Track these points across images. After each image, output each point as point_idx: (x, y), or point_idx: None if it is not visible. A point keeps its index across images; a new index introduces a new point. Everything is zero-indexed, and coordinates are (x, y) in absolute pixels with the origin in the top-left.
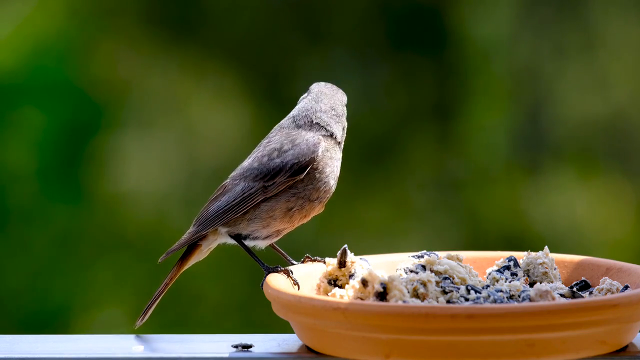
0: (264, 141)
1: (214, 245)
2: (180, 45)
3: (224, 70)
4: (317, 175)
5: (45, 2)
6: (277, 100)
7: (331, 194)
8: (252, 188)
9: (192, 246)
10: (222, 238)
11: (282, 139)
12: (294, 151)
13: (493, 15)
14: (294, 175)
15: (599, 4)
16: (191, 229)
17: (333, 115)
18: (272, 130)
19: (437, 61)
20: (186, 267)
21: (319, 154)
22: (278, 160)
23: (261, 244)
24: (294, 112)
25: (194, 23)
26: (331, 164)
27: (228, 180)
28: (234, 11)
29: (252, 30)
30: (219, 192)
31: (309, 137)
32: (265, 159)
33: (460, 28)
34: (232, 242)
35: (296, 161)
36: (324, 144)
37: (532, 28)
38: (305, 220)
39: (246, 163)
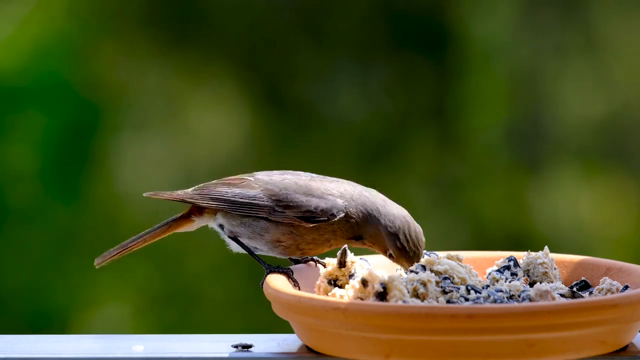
0: (314, 175)
1: (203, 224)
2: (178, 47)
3: (223, 73)
4: (317, 236)
5: (44, 3)
6: (276, 102)
7: (313, 255)
8: (262, 201)
9: (185, 216)
10: (213, 223)
11: (322, 185)
12: (317, 201)
13: (493, 16)
14: (302, 219)
15: (600, 4)
16: (190, 192)
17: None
18: (336, 178)
19: (438, 61)
20: (171, 233)
21: (335, 219)
22: (301, 199)
23: (236, 248)
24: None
25: (193, 25)
26: (333, 237)
27: (252, 178)
28: (233, 13)
29: (252, 32)
30: (236, 181)
31: (340, 201)
32: (294, 187)
33: (461, 28)
34: (219, 231)
35: (312, 210)
36: (343, 215)
37: (533, 28)
38: (280, 256)
39: (278, 176)
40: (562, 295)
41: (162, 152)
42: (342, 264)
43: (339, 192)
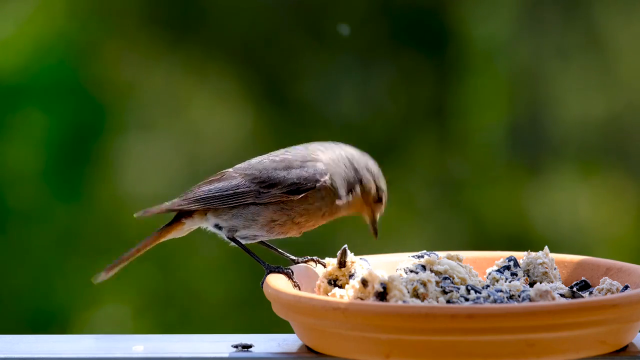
0: (284, 149)
1: (195, 226)
2: (182, 46)
3: (226, 72)
4: (308, 205)
5: (46, 2)
6: (278, 101)
7: (312, 228)
8: (246, 187)
9: (175, 220)
10: (205, 224)
11: (298, 154)
12: (299, 172)
13: (494, 16)
14: (289, 194)
15: (601, 3)
16: (176, 200)
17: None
18: (303, 145)
19: (439, 61)
20: (163, 239)
21: (319, 185)
22: (282, 174)
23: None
24: (336, 146)
25: (196, 24)
26: (324, 204)
27: (231, 169)
28: (235, 12)
29: (254, 31)
30: (216, 177)
31: (320, 165)
32: (273, 165)
33: (462, 28)
34: (214, 230)
35: (296, 181)
36: (328, 178)
37: (533, 28)
38: (281, 236)
39: (254, 161)
40: (562, 295)
41: (165, 151)
42: (342, 264)
43: (315, 157)
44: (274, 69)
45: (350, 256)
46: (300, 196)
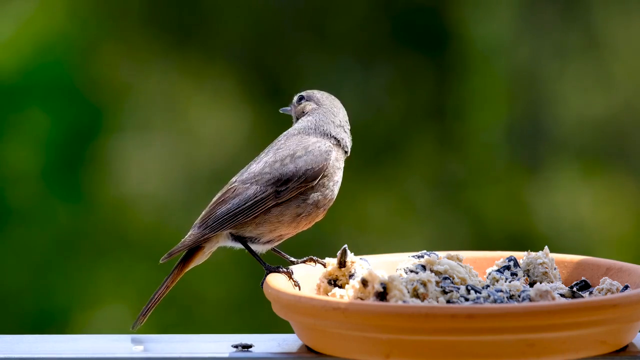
0: (273, 147)
1: (215, 248)
2: (180, 47)
3: (224, 73)
4: (326, 183)
5: (46, 4)
6: (277, 102)
7: (333, 201)
8: (264, 192)
9: (194, 249)
10: (223, 241)
11: (293, 145)
12: (307, 158)
13: (494, 16)
14: (306, 182)
15: (600, 4)
16: (195, 231)
17: (347, 127)
18: (280, 137)
19: (439, 61)
20: (187, 269)
21: (331, 161)
22: (291, 166)
23: (261, 248)
24: (305, 122)
25: (194, 26)
26: (338, 173)
27: (236, 183)
28: (235, 13)
29: (253, 32)
30: (227, 196)
31: (321, 144)
32: (278, 164)
33: (461, 28)
34: (233, 244)
35: (309, 167)
36: (335, 153)
37: (533, 28)
38: (307, 227)
39: (256, 168)
40: (562, 295)
41: (164, 153)
42: (342, 264)
43: (314, 139)
44: (273, 69)
45: (350, 256)
46: (318, 180)
